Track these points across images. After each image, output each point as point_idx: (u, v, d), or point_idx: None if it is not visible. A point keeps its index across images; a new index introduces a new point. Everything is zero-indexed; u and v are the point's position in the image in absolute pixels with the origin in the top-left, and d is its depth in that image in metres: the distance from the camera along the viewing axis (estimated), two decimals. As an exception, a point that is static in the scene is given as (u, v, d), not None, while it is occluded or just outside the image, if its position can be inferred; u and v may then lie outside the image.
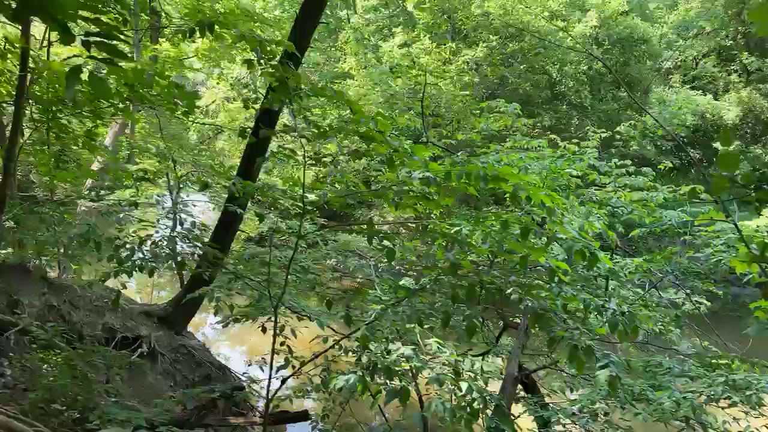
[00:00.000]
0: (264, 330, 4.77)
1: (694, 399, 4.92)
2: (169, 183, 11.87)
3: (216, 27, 4.83)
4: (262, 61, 4.89)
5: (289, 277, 5.50)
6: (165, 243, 5.28)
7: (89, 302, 7.77)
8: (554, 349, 8.30)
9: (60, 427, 4.08)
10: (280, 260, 7.28)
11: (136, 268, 4.62)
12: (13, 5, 1.82)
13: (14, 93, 6.10)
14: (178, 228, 9.54)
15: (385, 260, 4.17)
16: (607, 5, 18.76)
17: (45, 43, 10.66)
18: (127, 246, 4.79)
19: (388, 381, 4.39)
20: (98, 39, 2.01)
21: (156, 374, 8.03)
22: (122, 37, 2.08)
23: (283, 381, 4.54)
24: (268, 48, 4.62)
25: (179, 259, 6.19)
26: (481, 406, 3.35)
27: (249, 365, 6.49)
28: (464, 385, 3.42)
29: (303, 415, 6.45)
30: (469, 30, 16.85)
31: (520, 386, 6.43)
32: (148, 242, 5.22)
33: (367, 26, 21.74)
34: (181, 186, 11.78)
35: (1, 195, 4.16)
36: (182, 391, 6.79)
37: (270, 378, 4.23)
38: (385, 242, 4.37)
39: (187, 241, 6.81)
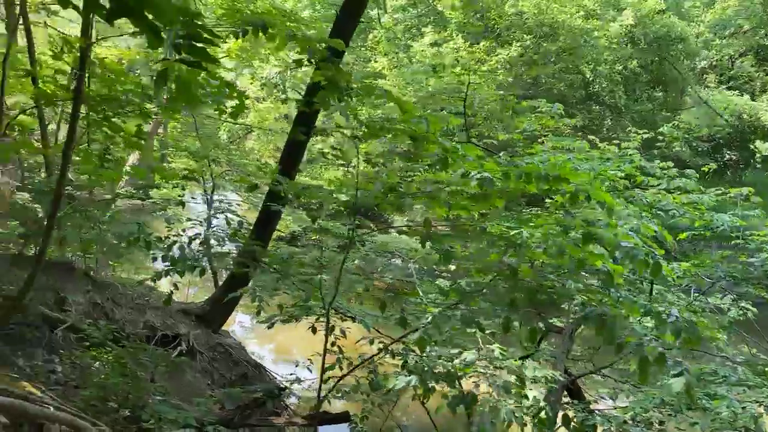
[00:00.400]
0: (314, 330, 4.73)
1: (753, 409, 4.76)
2: (205, 182, 11.95)
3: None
4: (311, 60, 4.85)
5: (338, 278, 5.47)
6: (214, 242, 5.31)
7: (131, 300, 7.84)
8: (595, 354, 8.16)
9: (114, 425, 4.09)
10: (319, 261, 7.25)
11: (188, 268, 4.63)
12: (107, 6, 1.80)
13: (62, 92, 6.20)
14: (216, 226, 9.60)
15: (420, 262, 4.13)
16: (644, 3, 18.41)
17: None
18: (177, 245, 4.81)
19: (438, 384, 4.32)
20: (189, 42, 1.98)
21: (195, 372, 8.05)
22: (214, 41, 2.05)
23: (338, 381, 4.50)
24: (319, 47, 4.58)
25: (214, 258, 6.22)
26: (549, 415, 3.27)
27: (296, 365, 6.46)
28: (532, 394, 3.33)
29: (345, 417, 6.39)
30: (502, 29, 16.68)
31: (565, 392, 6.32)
32: (197, 241, 5.24)
33: (395, 26, 21.69)
34: (217, 185, 11.86)
35: (58, 193, 4.19)
36: (225, 390, 6.79)
37: (321, 378, 4.19)
38: (423, 245, 4.31)
39: (232, 240, 6.85)
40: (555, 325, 7.25)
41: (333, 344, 4.60)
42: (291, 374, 6.32)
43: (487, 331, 4.37)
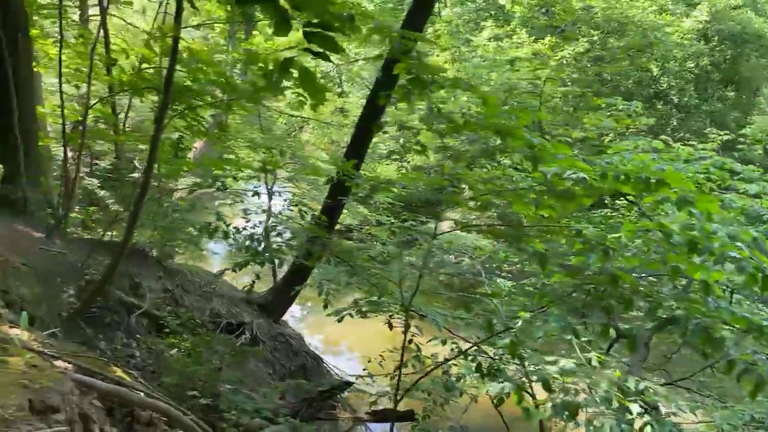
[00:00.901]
0: (390, 327, 4.66)
1: None
2: (266, 174, 12.06)
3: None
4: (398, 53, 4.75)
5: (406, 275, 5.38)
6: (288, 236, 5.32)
7: (198, 287, 7.98)
8: (668, 362, 7.83)
9: (194, 413, 4.11)
10: (388, 255, 7.18)
11: (267, 259, 4.64)
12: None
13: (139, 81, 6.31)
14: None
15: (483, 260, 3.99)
16: (719, -1, 17.61)
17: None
18: (255, 237, 4.83)
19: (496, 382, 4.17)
20: (318, 31, 1.91)
21: (257, 361, 8.14)
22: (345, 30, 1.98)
23: (416, 381, 4.42)
24: (409, 40, 4.48)
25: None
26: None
27: (369, 361, 6.42)
28: (635, 408, 3.17)
29: (409, 415, 6.33)
30: (567, 24, 16.23)
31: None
32: (273, 233, 5.25)
33: (456, 19, 21.42)
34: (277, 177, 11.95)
35: (145, 181, 4.24)
36: (293, 382, 6.82)
37: (399, 376, 4.12)
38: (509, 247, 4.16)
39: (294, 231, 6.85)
40: (626, 332, 6.98)
41: (410, 342, 4.51)
42: (357, 374, 6.23)
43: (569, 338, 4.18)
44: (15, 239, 5.38)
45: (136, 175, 15.24)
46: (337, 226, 16.17)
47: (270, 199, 10.89)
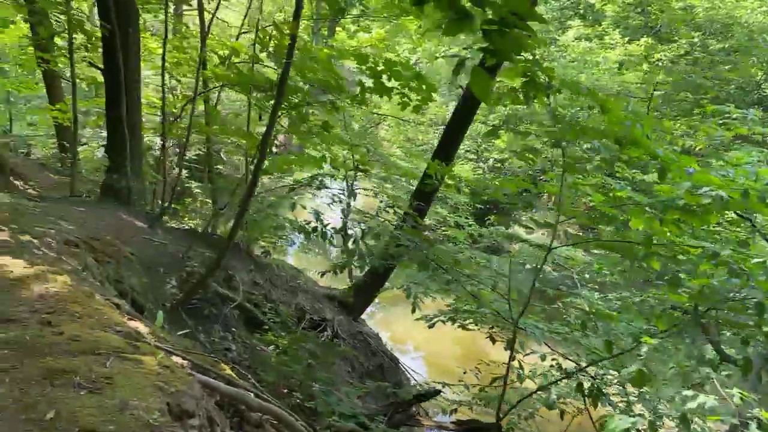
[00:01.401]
0: (493, 341, 4.48)
1: None
2: (347, 171, 12.07)
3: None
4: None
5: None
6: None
7: (285, 282, 8.06)
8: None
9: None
10: (477, 261, 6.98)
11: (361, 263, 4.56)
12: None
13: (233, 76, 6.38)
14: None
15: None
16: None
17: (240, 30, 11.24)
18: (353, 240, 4.76)
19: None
20: (502, 28, 1.77)
21: (338, 359, 8.14)
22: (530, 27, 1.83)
23: (520, 400, 4.22)
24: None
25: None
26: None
27: (464, 372, 6.26)
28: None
29: (496, 428, 6.13)
30: (664, 25, 15.36)
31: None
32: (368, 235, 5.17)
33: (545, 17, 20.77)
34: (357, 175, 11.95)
35: (254, 180, 4.24)
36: (377, 385, 6.75)
37: (504, 391, 3.94)
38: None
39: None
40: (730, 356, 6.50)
41: (513, 358, 4.32)
42: (442, 381, 6.06)
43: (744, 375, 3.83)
44: (120, 228, 5.55)
45: (220, 167, 15.65)
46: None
47: (353, 197, 10.91)
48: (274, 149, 14.68)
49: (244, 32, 12.61)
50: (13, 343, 2.30)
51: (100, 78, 13.44)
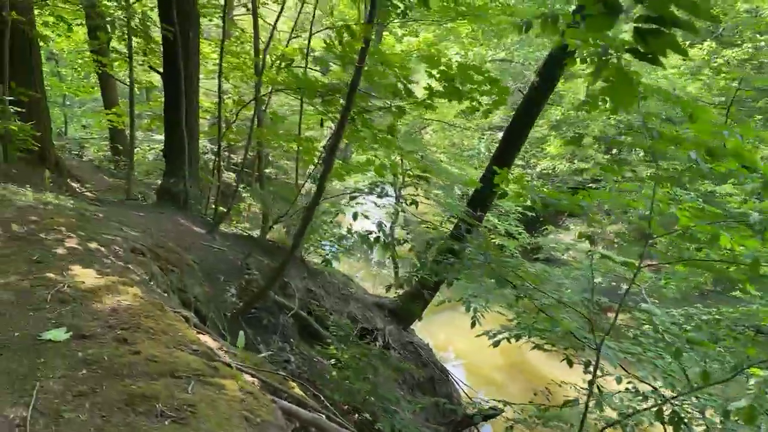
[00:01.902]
0: (570, 364, 4.20)
1: None
2: (403, 178, 11.88)
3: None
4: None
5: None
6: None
7: (337, 290, 7.91)
8: None
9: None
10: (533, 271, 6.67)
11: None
12: None
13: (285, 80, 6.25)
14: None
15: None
16: None
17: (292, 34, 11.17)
18: (421, 258, 4.56)
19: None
20: (656, 27, 1.55)
21: (389, 370, 7.94)
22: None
23: (605, 428, 3.94)
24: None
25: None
26: None
27: (535, 394, 5.97)
28: None
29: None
30: (727, 28, 14.68)
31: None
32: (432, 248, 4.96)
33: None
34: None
35: (320, 188, 4.08)
36: (434, 401, 6.52)
37: (584, 419, 3.66)
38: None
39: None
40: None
41: (591, 383, 4.02)
42: (503, 400, 5.77)
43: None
44: (180, 234, 5.47)
45: (269, 170, 15.64)
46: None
47: (398, 200, 10.71)
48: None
49: (294, 37, 12.59)
50: (91, 363, 2.16)
51: (154, 81, 13.67)
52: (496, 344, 5.43)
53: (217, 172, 7.81)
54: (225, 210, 6.80)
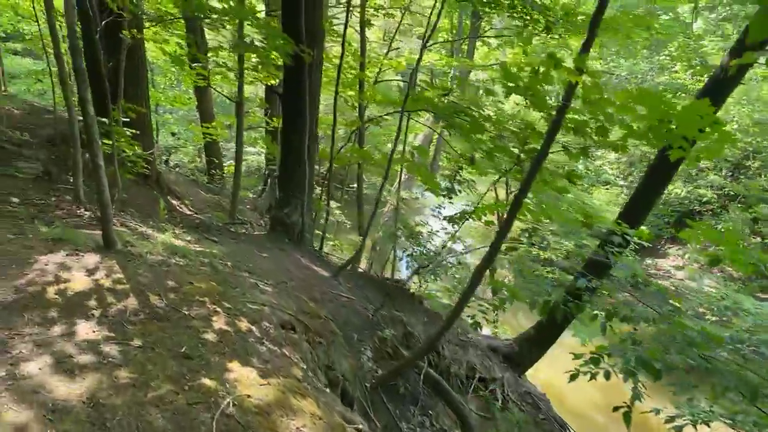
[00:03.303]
0: None
1: None
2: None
3: None
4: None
5: None
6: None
7: (456, 335, 7.11)
8: None
9: None
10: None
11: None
12: None
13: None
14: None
15: None
16: None
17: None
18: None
19: None
20: None
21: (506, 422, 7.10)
22: None
23: None
24: None
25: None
26: None
27: None
28: None
29: None
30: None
31: None
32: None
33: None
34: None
35: (506, 227, 3.31)
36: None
37: None
38: None
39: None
40: None
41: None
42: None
43: None
44: (308, 282, 4.83)
45: (369, 192, 15.06)
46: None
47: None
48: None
49: (393, 49, 11.94)
50: None
51: (247, 94, 13.32)
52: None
53: (327, 200, 7.18)
54: (352, 256, 6.12)
